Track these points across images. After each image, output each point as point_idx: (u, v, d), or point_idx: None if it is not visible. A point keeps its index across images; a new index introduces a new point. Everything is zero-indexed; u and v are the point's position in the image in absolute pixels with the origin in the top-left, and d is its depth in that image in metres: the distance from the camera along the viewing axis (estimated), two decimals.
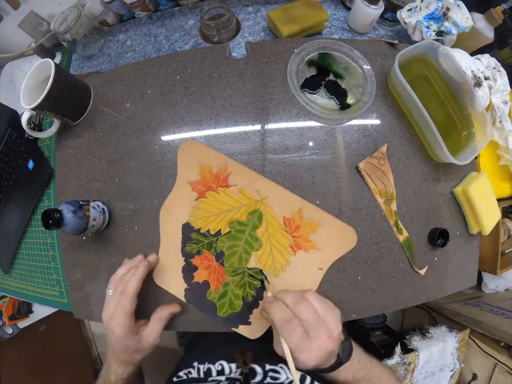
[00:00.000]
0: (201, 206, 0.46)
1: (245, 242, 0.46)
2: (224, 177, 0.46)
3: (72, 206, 0.42)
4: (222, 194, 0.46)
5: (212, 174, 0.46)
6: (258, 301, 0.45)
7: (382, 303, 0.47)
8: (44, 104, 0.44)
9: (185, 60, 0.51)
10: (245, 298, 0.45)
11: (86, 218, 0.43)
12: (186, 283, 0.46)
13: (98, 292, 0.49)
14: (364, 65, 0.49)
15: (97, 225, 0.45)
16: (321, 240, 0.46)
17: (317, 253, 0.45)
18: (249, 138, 0.47)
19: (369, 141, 0.48)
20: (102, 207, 0.46)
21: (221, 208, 0.46)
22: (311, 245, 0.45)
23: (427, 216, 0.49)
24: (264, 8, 0.61)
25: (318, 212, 0.46)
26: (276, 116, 0.48)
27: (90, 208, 0.44)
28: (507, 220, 0.62)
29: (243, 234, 0.46)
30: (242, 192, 0.46)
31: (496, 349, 0.76)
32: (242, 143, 0.47)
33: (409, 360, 0.73)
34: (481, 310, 0.77)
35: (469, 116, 0.50)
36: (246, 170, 0.46)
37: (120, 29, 0.66)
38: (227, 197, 0.46)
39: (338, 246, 0.46)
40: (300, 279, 0.45)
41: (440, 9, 0.53)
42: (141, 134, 0.49)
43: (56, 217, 0.39)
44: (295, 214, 0.46)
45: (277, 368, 0.43)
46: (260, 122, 0.48)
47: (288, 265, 0.45)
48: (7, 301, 0.75)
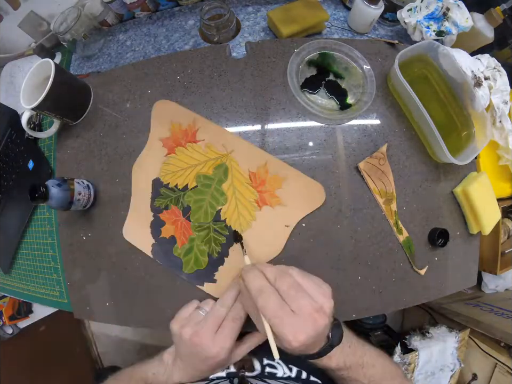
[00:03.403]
0: (171, 162, 0.47)
1: (211, 196, 0.46)
2: (192, 132, 0.47)
3: (57, 180, 0.44)
4: (190, 150, 0.47)
5: (181, 130, 0.47)
6: (224, 258, 0.45)
7: (382, 303, 0.47)
8: (43, 104, 0.44)
9: (185, 60, 0.51)
10: (211, 254, 0.46)
11: (71, 192, 0.44)
12: (153, 238, 0.47)
13: (98, 292, 0.49)
14: (363, 65, 0.49)
15: (83, 200, 0.46)
16: (287, 196, 0.45)
17: (283, 209, 0.45)
18: (249, 138, 0.47)
19: (369, 141, 0.48)
20: (86, 183, 0.48)
21: (188, 163, 0.47)
22: (276, 200, 0.45)
23: (427, 216, 0.49)
24: (264, 8, 0.61)
25: (284, 166, 0.46)
26: (276, 116, 0.48)
27: (75, 183, 0.45)
28: (507, 220, 0.62)
29: (209, 189, 0.46)
30: (209, 147, 0.47)
31: (496, 349, 0.76)
32: None
33: (409, 360, 0.73)
34: (481, 310, 0.77)
35: (469, 116, 0.50)
36: (213, 126, 0.47)
37: (120, 29, 0.66)
38: (194, 151, 0.47)
39: (305, 203, 0.45)
40: (266, 236, 0.45)
41: (440, 9, 0.53)
42: (141, 134, 0.49)
43: (42, 190, 0.41)
44: (261, 168, 0.46)
45: (274, 363, 0.43)
46: (260, 122, 0.48)
47: (253, 220, 0.45)
48: (7, 301, 0.75)
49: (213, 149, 0.47)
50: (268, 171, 0.46)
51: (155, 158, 0.48)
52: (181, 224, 0.46)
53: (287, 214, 0.45)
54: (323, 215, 0.46)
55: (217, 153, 0.47)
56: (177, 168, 0.47)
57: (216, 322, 0.37)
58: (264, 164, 0.46)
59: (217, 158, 0.46)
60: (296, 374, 0.42)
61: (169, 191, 0.47)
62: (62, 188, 0.43)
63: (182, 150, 0.47)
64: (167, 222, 0.47)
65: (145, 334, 1.16)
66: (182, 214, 0.46)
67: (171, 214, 0.47)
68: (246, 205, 0.45)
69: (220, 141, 0.47)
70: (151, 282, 0.47)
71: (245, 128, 0.48)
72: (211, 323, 0.37)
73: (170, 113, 0.48)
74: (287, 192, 0.45)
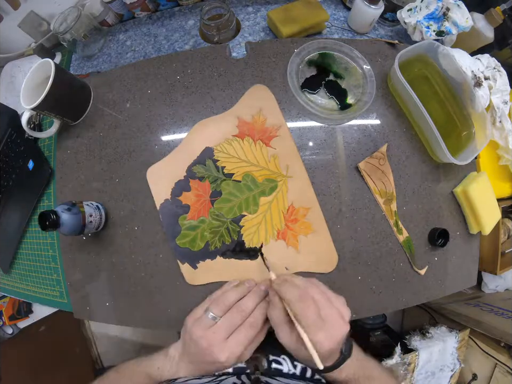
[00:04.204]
0: (233, 144, 0.47)
1: (245, 199, 0.46)
2: (270, 135, 0.47)
3: (66, 205, 0.42)
4: (258, 148, 0.46)
5: (263, 125, 0.47)
6: (217, 255, 0.45)
7: (382, 303, 0.47)
8: (43, 104, 0.44)
9: (185, 60, 0.50)
10: (209, 245, 0.45)
11: (82, 214, 0.42)
12: (171, 195, 0.46)
13: (98, 292, 0.49)
14: (363, 65, 0.49)
15: (95, 221, 0.45)
16: (305, 246, 0.45)
17: (294, 253, 0.45)
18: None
19: (369, 141, 0.48)
20: (96, 205, 0.46)
21: (247, 158, 0.46)
22: (294, 243, 0.45)
23: (427, 216, 0.49)
24: (264, 8, 0.61)
25: (321, 221, 0.46)
26: None
27: (84, 205, 0.44)
28: (507, 220, 0.62)
29: (249, 192, 0.46)
30: (274, 158, 0.46)
31: (496, 349, 0.76)
32: None
33: (409, 360, 0.73)
34: (481, 310, 0.77)
35: (469, 116, 0.50)
36: (291, 144, 0.47)
37: (120, 29, 0.66)
38: (260, 152, 0.46)
39: (315, 262, 0.46)
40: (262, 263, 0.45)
41: (440, 9, 0.53)
42: (141, 134, 0.49)
43: (52, 217, 0.39)
44: (302, 209, 0.46)
45: (279, 359, 0.43)
46: None
47: (265, 244, 0.45)
48: (7, 301, 0.75)
49: (277, 162, 0.46)
50: (306, 215, 0.46)
51: (223, 129, 0.47)
52: (203, 202, 0.46)
53: (294, 259, 0.45)
54: (323, 215, 0.46)
55: (277, 169, 0.46)
56: (235, 154, 0.46)
57: (229, 329, 0.37)
58: (308, 208, 0.46)
59: (274, 173, 0.46)
60: (301, 371, 0.42)
61: (214, 167, 0.46)
62: (72, 212, 0.41)
63: (250, 142, 0.46)
64: (192, 190, 0.46)
65: (145, 334, 1.16)
66: (210, 195, 0.46)
67: (201, 186, 0.46)
68: (269, 228, 0.45)
69: (287, 161, 0.46)
70: (151, 282, 0.47)
71: None
72: (224, 329, 0.36)
73: (264, 103, 0.47)
74: (307, 243, 0.45)
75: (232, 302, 0.39)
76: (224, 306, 0.38)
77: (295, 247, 0.45)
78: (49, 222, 0.39)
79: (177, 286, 0.46)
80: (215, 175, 0.46)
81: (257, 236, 0.45)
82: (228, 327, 0.37)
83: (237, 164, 0.46)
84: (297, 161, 0.46)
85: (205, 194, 0.46)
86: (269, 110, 0.47)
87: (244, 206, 0.45)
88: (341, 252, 0.46)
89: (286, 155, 0.46)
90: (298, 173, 0.46)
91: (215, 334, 0.36)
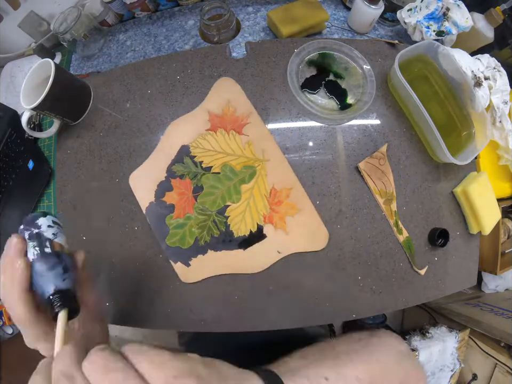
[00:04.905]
0: (207, 138, 0.47)
1: (227, 190, 0.46)
2: (241, 123, 0.47)
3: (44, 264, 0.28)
4: (231, 137, 0.47)
5: (233, 115, 0.47)
6: (208, 249, 0.45)
7: (382, 303, 0.47)
8: (43, 104, 0.44)
9: (185, 60, 0.50)
10: (198, 240, 0.46)
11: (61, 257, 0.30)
12: (155, 197, 0.47)
13: (98, 292, 0.49)
14: (363, 65, 0.49)
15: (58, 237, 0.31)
16: (294, 227, 0.45)
17: (283, 235, 0.45)
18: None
19: (369, 141, 0.48)
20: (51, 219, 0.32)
21: (222, 149, 0.47)
22: (282, 225, 0.45)
23: (427, 216, 0.49)
24: (264, 8, 0.61)
25: (305, 199, 0.46)
26: (276, 116, 0.48)
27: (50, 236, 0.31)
28: (507, 220, 0.62)
29: (229, 182, 0.46)
30: (249, 145, 0.46)
31: (496, 349, 0.76)
32: None
33: None
34: (481, 310, 0.77)
35: (469, 116, 0.50)
36: (263, 129, 0.47)
37: (120, 29, 0.66)
38: (234, 142, 0.47)
39: (305, 241, 0.46)
40: (255, 251, 0.45)
41: (440, 9, 0.53)
42: (141, 134, 0.49)
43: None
44: (284, 190, 0.46)
45: None
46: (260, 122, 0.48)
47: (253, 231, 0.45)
48: None
49: (252, 148, 0.46)
50: (289, 196, 0.46)
51: (195, 126, 0.47)
52: (186, 199, 0.46)
53: (285, 242, 0.45)
54: (323, 215, 0.46)
55: (253, 155, 0.46)
56: (210, 147, 0.47)
57: None
58: (290, 188, 0.46)
59: (251, 159, 0.46)
60: None
61: (192, 164, 0.46)
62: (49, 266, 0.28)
63: (223, 134, 0.47)
64: (175, 189, 0.46)
65: (145, 334, 1.16)
66: (192, 191, 0.46)
67: (182, 184, 0.46)
68: (254, 214, 0.45)
69: (262, 145, 0.46)
70: (151, 282, 0.47)
71: None
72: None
73: (231, 94, 0.48)
74: (295, 224, 0.45)
75: None
76: None
77: (284, 229, 0.45)
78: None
79: (177, 286, 0.46)
80: (194, 171, 0.46)
81: (244, 224, 0.45)
82: None
83: (214, 157, 0.46)
84: (271, 144, 0.46)
85: (187, 191, 0.46)
86: (237, 100, 0.48)
87: (227, 196, 0.46)
88: (341, 251, 0.46)
89: (260, 140, 0.47)
90: (274, 156, 0.46)
91: None
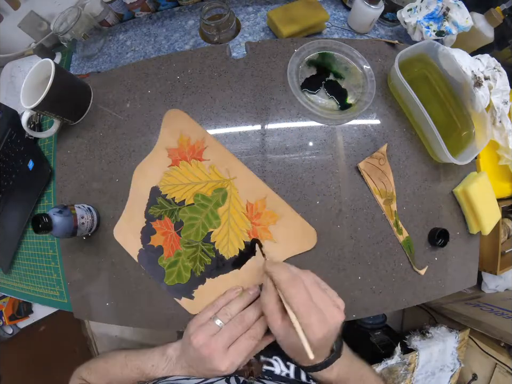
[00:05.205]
0: (173, 173, 0.47)
1: (205, 217, 0.46)
2: (199, 150, 0.47)
3: (57, 208, 0.43)
4: (194, 166, 0.47)
5: (189, 145, 0.47)
6: (206, 278, 0.46)
7: (382, 303, 0.47)
8: (43, 104, 0.44)
9: (185, 60, 0.50)
10: (194, 272, 0.46)
11: (73, 216, 0.43)
12: (142, 244, 0.47)
13: (99, 292, 0.49)
14: (363, 65, 0.49)
15: (87, 223, 0.46)
16: (279, 233, 0.45)
17: (272, 245, 0.45)
18: (249, 139, 0.47)
19: (369, 141, 0.48)
20: (87, 207, 0.47)
21: (189, 179, 0.47)
22: (268, 235, 0.45)
23: (427, 216, 0.49)
24: (264, 8, 0.61)
25: (282, 204, 0.46)
26: (276, 116, 0.48)
27: (75, 207, 0.45)
28: (507, 220, 0.62)
29: (205, 209, 0.46)
30: (212, 168, 0.47)
31: (496, 349, 0.76)
32: (242, 143, 0.47)
33: (409, 360, 0.73)
34: (481, 310, 0.77)
35: (469, 116, 0.50)
36: (221, 148, 0.47)
37: (120, 29, 0.66)
38: (198, 169, 0.47)
39: (295, 244, 0.46)
40: (251, 267, 0.45)
41: (440, 9, 0.53)
42: (140, 134, 0.49)
43: (44, 220, 0.40)
44: (259, 201, 0.46)
45: (271, 360, 0.42)
46: (259, 122, 0.48)
47: (241, 249, 0.46)
48: (7, 301, 0.75)
49: (216, 171, 0.46)
50: (265, 205, 0.46)
51: (158, 166, 0.48)
52: (170, 237, 0.47)
53: (276, 250, 0.45)
54: (323, 215, 0.46)
55: (220, 177, 0.46)
56: (177, 182, 0.47)
57: (231, 339, 0.37)
58: (264, 198, 0.46)
59: (218, 181, 0.46)
60: (295, 372, 0.41)
61: (166, 202, 0.47)
62: (64, 214, 0.42)
63: (186, 165, 0.47)
64: (158, 231, 0.47)
65: (145, 334, 1.16)
66: (174, 228, 0.47)
67: (163, 224, 0.47)
68: (238, 233, 0.46)
69: (225, 165, 0.46)
70: (151, 282, 0.47)
71: (244, 128, 0.48)
72: (225, 339, 0.37)
73: (181, 124, 0.48)
74: (280, 230, 0.45)
75: (236, 312, 0.39)
76: (230, 315, 0.39)
77: (270, 239, 0.45)
78: (41, 225, 0.40)
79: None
80: (170, 208, 0.47)
81: (231, 245, 0.46)
82: (230, 337, 0.37)
83: (184, 189, 0.47)
84: (233, 161, 0.47)
85: (169, 229, 0.47)
86: (188, 128, 0.48)
87: (207, 223, 0.46)
88: (341, 251, 0.46)
89: (221, 161, 0.47)
90: (239, 171, 0.46)
91: (217, 343, 0.36)
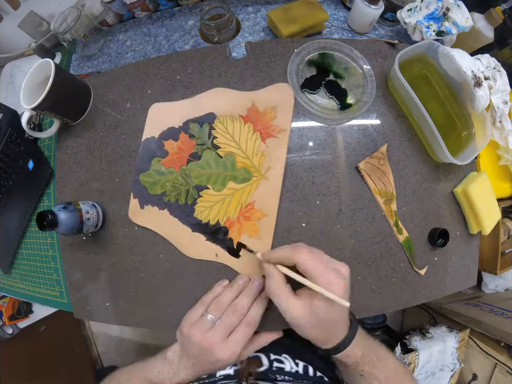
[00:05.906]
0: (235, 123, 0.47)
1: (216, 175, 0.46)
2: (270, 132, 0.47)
3: (62, 204, 0.43)
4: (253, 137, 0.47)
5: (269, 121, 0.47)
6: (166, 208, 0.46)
7: (382, 303, 0.47)
8: (43, 104, 0.44)
9: (185, 60, 0.51)
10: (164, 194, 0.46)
11: (78, 212, 0.43)
12: (159, 135, 0.48)
13: (98, 292, 0.49)
14: (364, 65, 0.49)
15: (93, 219, 0.46)
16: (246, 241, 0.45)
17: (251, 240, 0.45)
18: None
19: (369, 141, 0.48)
20: (91, 203, 0.47)
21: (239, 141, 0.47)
22: (235, 236, 0.45)
23: (427, 216, 0.49)
24: (264, 8, 0.61)
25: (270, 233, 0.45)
26: None
27: (80, 203, 0.45)
28: (507, 220, 0.62)
29: (223, 170, 0.46)
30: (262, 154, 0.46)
31: (496, 349, 0.76)
32: None
33: (409, 360, 0.73)
34: (481, 310, 0.77)
35: (469, 116, 0.50)
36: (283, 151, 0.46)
37: (120, 29, 0.66)
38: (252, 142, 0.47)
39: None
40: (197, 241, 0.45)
41: (440, 9, 0.53)
42: (140, 134, 0.49)
43: (49, 217, 0.40)
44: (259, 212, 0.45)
45: (281, 358, 0.43)
46: None
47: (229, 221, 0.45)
48: (7, 301, 0.75)
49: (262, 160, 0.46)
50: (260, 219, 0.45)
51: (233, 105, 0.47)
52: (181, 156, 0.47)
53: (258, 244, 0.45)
54: (323, 215, 0.46)
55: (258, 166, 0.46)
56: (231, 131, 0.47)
57: (227, 330, 0.37)
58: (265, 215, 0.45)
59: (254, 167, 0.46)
60: (303, 369, 0.42)
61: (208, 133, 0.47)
62: (69, 210, 0.42)
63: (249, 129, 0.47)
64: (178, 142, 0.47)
65: (145, 334, 1.16)
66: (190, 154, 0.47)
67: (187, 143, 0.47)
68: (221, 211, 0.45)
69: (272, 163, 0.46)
70: (151, 282, 0.47)
71: None
72: (222, 330, 0.37)
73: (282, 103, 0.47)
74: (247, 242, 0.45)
75: (227, 302, 0.39)
76: (221, 308, 0.39)
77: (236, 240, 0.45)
78: (46, 222, 0.39)
79: (177, 286, 0.46)
80: (204, 140, 0.47)
81: (208, 212, 0.45)
82: (226, 328, 0.37)
83: (228, 141, 0.47)
84: (280, 168, 0.46)
85: (187, 151, 0.47)
86: (283, 111, 0.47)
87: (212, 180, 0.46)
88: (341, 251, 0.46)
89: (273, 157, 0.46)
90: (274, 179, 0.46)
91: (214, 336, 0.37)
